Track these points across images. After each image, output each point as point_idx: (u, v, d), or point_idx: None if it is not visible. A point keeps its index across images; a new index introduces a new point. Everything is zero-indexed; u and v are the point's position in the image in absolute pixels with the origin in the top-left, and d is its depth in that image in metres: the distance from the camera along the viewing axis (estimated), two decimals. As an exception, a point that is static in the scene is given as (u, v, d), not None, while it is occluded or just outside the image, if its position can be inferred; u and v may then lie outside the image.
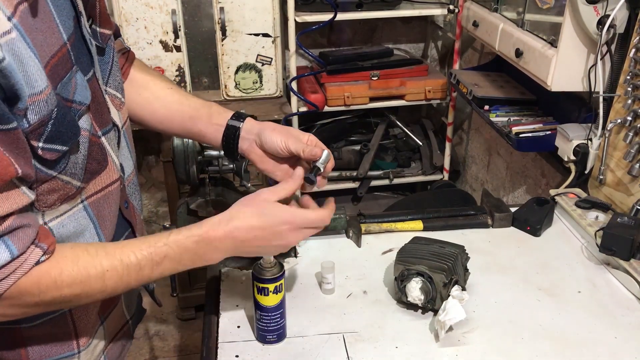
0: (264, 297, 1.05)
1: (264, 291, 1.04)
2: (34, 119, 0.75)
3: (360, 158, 2.66)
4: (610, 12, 1.39)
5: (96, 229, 0.93)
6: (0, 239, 0.75)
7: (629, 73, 1.39)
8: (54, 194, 0.84)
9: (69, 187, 0.85)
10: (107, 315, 1.03)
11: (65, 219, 0.87)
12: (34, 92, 0.74)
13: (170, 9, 2.27)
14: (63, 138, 0.80)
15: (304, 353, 1.06)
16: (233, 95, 2.46)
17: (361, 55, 2.64)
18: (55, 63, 0.79)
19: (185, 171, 1.21)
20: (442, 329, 1.06)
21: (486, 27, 1.96)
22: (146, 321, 2.81)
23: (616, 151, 1.43)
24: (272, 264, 1.04)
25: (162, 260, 0.87)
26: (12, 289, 0.78)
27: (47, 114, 0.77)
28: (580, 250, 1.35)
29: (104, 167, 0.92)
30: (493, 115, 1.92)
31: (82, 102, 0.84)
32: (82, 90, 0.84)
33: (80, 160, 0.86)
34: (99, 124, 0.91)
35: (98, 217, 0.92)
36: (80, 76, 0.84)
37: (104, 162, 0.91)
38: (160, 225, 2.99)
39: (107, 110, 0.95)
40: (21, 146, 0.75)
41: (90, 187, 0.90)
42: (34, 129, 0.76)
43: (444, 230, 1.42)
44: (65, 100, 0.81)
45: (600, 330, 1.11)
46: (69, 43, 0.84)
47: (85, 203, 0.90)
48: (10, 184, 0.75)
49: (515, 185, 2.27)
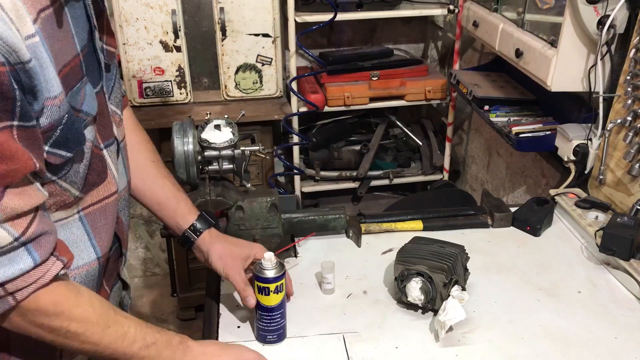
0: (264, 296, 1.05)
1: (264, 291, 1.04)
2: (45, 122, 0.77)
3: (360, 158, 2.66)
4: (610, 12, 1.39)
5: (91, 240, 0.93)
6: (24, 247, 0.76)
7: (629, 73, 1.39)
8: (50, 199, 0.84)
9: (67, 194, 0.86)
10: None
11: (60, 228, 0.88)
12: (49, 96, 0.76)
13: (170, 9, 2.27)
14: (69, 145, 0.82)
15: (304, 353, 1.06)
16: (233, 95, 2.46)
17: (361, 56, 2.64)
18: (67, 72, 0.81)
19: (186, 171, 1.21)
20: (442, 329, 1.06)
21: (486, 27, 1.96)
22: (146, 321, 2.81)
23: (616, 151, 1.43)
24: (274, 264, 1.04)
25: (150, 345, 0.91)
26: (30, 301, 0.79)
27: (58, 118, 0.78)
28: (580, 250, 1.36)
29: (103, 179, 0.93)
30: (493, 115, 1.91)
31: (89, 113, 0.86)
32: (90, 101, 0.86)
33: (82, 169, 0.87)
34: (102, 137, 0.93)
35: (93, 228, 0.93)
36: (90, 87, 0.87)
37: (103, 175, 0.93)
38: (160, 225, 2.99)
39: (111, 124, 0.97)
40: (37, 144, 0.76)
41: (87, 198, 0.91)
42: (43, 132, 0.78)
43: (444, 230, 1.42)
44: (73, 109, 0.82)
45: (600, 330, 1.11)
46: (82, 54, 0.86)
47: (82, 214, 0.91)
48: (26, 179, 0.76)
49: (515, 185, 2.27)
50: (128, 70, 2.36)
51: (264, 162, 2.53)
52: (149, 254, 3.09)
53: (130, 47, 2.32)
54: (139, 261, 3.10)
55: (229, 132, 1.27)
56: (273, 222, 1.30)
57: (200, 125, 1.28)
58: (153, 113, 2.39)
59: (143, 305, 2.92)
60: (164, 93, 2.42)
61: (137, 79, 2.37)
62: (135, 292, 3.02)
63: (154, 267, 3.12)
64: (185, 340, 0.96)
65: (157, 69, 2.37)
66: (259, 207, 1.29)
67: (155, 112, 2.40)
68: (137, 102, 2.42)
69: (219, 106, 2.45)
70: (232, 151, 1.24)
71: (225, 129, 1.27)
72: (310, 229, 1.39)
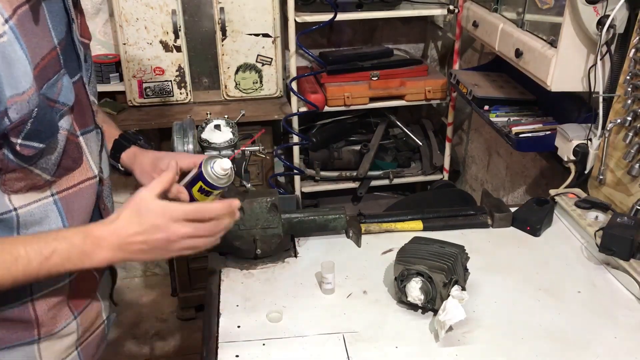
0: (203, 196, 1.02)
1: (205, 192, 1.01)
2: (15, 117, 0.81)
3: (360, 158, 2.66)
4: (610, 12, 1.39)
5: (63, 223, 0.96)
6: None
7: (629, 73, 1.39)
8: (21, 182, 0.89)
9: (38, 178, 0.90)
10: (81, 311, 1.06)
11: (35, 208, 0.92)
12: (17, 92, 0.80)
13: (170, 9, 2.27)
14: (41, 136, 0.85)
15: (304, 353, 1.06)
16: (233, 95, 2.46)
17: (361, 56, 2.64)
18: (44, 65, 0.85)
19: (186, 171, 1.21)
20: (442, 329, 1.06)
21: (486, 27, 1.96)
22: (146, 321, 2.81)
23: (616, 151, 1.43)
24: (225, 173, 1.00)
25: (50, 255, 0.88)
26: None
27: (27, 112, 0.82)
28: (580, 250, 1.36)
29: (79, 164, 0.97)
30: (493, 115, 1.91)
31: (65, 103, 0.90)
32: (67, 92, 0.89)
33: (55, 157, 0.91)
34: (80, 125, 0.98)
35: (67, 212, 0.96)
36: (67, 79, 0.90)
37: (79, 161, 0.97)
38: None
39: (90, 112, 1.01)
40: None
41: (62, 182, 0.94)
42: (15, 127, 0.82)
43: (444, 230, 1.42)
44: (49, 100, 0.86)
45: (600, 330, 1.11)
46: (60, 47, 0.89)
47: (56, 197, 0.94)
48: None
49: (515, 185, 2.27)
50: (128, 70, 2.36)
51: (264, 162, 2.53)
52: (149, 254, 3.09)
53: (130, 47, 2.32)
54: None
55: (229, 132, 1.27)
56: (273, 222, 1.30)
57: (200, 125, 1.28)
58: (153, 113, 2.39)
59: (143, 305, 2.92)
60: (164, 93, 2.42)
61: (137, 79, 2.38)
62: (135, 292, 3.03)
63: (154, 267, 3.12)
64: (88, 231, 0.91)
65: (157, 69, 2.37)
66: (259, 207, 1.29)
67: (155, 112, 2.40)
68: (137, 102, 2.42)
69: (219, 106, 2.45)
70: (232, 151, 1.24)
71: (225, 129, 1.27)
72: (310, 229, 1.39)
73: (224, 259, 1.34)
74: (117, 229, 0.91)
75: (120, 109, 2.41)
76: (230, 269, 1.30)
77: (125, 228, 0.91)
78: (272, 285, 1.25)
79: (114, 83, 2.43)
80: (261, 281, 1.27)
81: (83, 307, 1.07)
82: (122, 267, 3.07)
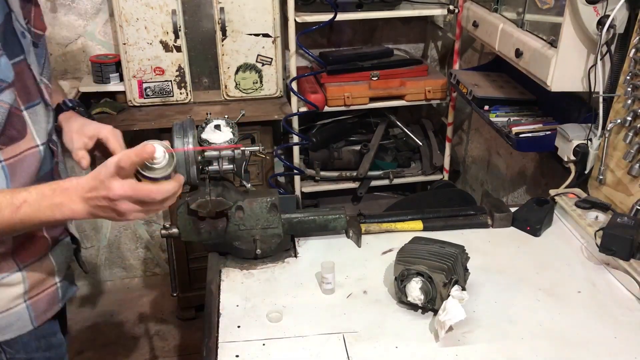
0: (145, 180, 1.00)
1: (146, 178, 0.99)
2: None
3: (360, 158, 2.66)
4: (610, 12, 1.39)
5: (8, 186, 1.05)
6: None
7: (629, 73, 1.39)
8: None
9: None
10: (27, 265, 1.13)
11: None
12: None
13: (170, 9, 2.27)
14: None
15: (304, 353, 1.07)
16: (233, 95, 2.46)
17: (361, 56, 2.64)
18: None
19: (186, 171, 1.21)
20: (442, 329, 1.06)
21: (486, 27, 1.96)
22: (146, 321, 2.81)
23: (616, 151, 1.43)
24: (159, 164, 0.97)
25: (21, 205, 0.95)
26: None
27: None
28: (580, 250, 1.36)
29: (23, 135, 1.08)
30: (493, 115, 1.92)
31: (4, 80, 1.02)
32: (4, 70, 1.02)
33: None
34: (24, 100, 1.09)
35: (12, 177, 1.07)
36: (5, 59, 1.03)
37: (23, 132, 1.08)
38: (160, 225, 2.99)
39: (35, 91, 1.13)
40: None
41: (9, 150, 1.06)
42: None
43: (444, 230, 1.42)
44: None
45: (600, 330, 1.11)
46: None
47: (4, 164, 1.05)
48: None
49: (515, 185, 2.27)
50: (128, 71, 2.36)
51: (264, 162, 2.53)
52: (149, 254, 3.09)
53: (131, 47, 2.32)
54: (139, 261, 3.10)
55: (229, 132, 1.27)
56: (273, 222, 1.30)
57: (200, 126, 1.28)
58: (153, 113, 2.39)
59: (143, 305, 2.92)
60: (164, 93, 2.42)
61: (137, 79, 2.38)
62: (135, 292, 3.03)
63: (154, 267, 3.12)
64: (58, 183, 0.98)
65: (157, 69, 2.37)
66: (259, 207, 1.29)
67: (155, 112, 2.40)
68: (137, 102, 2.42)
69: (219, 106, 2.45)
70: (232, 151, 1.24)
71: (225, 129, 1.27)
72: (310, 229, 1.39)
73: (224, 259, 1.34)
74: (80, 182, 0.97)
75: (120, 109, 2.40)
76: (230, 269, 1.30)
77: (87, 182, 0.97)
78: (272, 285, 1.25)
79: (114, 83, 2.43)
80: (261, 281, 1.27)
81: (30, 262, 1.14)
82: (122, 267, 3.07)
